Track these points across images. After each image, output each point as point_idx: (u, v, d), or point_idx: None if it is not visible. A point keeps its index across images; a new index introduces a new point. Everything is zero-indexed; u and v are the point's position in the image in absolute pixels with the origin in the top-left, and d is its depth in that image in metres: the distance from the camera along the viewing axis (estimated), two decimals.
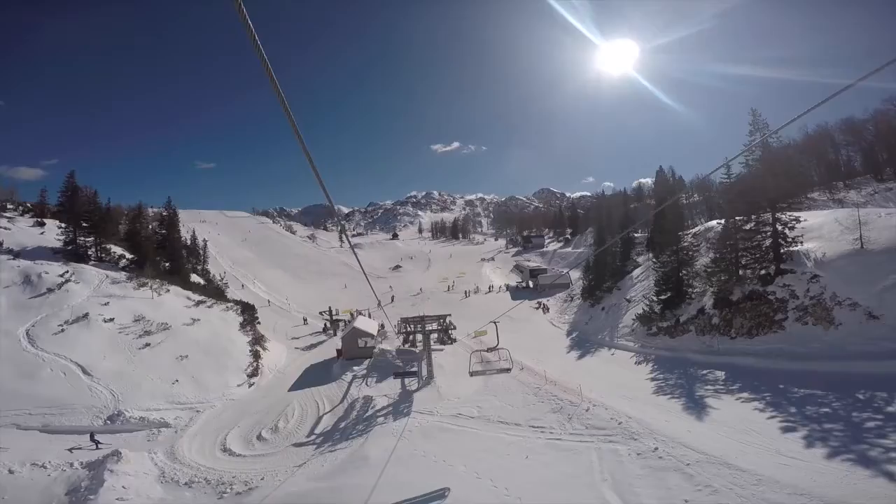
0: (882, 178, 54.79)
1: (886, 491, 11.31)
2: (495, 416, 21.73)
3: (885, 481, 11.61)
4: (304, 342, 45.74)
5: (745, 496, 11.45)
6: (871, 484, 11.64)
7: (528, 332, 44.23)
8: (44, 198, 63.70)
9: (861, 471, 12.24)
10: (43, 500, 18.18)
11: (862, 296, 21.07)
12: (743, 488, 11.72)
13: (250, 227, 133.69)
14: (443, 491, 14.73)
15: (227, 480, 19.80)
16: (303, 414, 27.08)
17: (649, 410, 18.98)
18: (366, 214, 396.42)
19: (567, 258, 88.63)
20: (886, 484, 11.55)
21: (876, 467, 12.31)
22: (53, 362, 28.91)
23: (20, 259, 41.77)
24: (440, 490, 14.58)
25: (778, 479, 11.81)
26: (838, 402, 16.74)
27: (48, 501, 18.12)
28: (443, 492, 14.70)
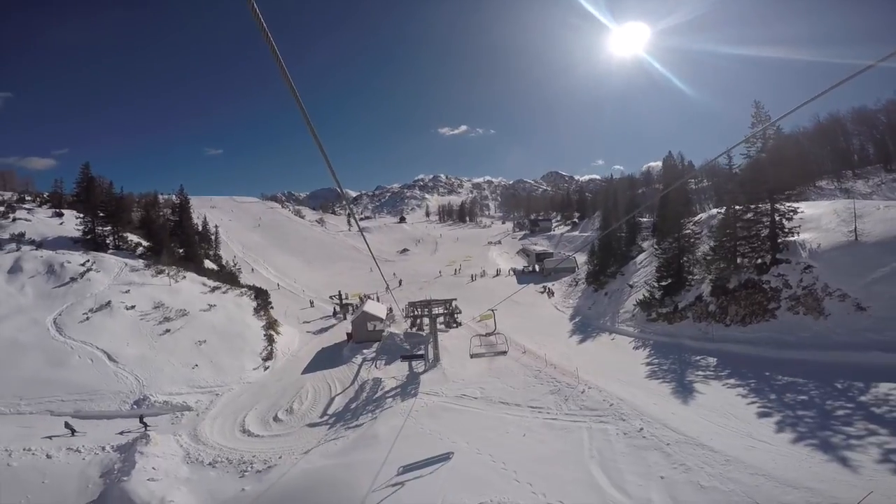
0: (891, 168, 54.56)
1: (835, 474, 12.41)
2: (497, 397, 23.06)
3: (838, 465, 12.75)
4: (315, 326, 47.10)
5: (713, 474, 12.77)
6: (824, 467, 12.78)
7: (532, 316, 45.34)
8: (60, 189, 65.42)
9: (819, 455, 13.39)
10: (80, 482, 19.53)
11: (851, 287, 21.83)
12: (712, 467, 13.04)
13: (260, 212, 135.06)
14: (447, 454, 16.65)
15: (247, 460, 21.27)
16: (316, 396, 28.53)
17: (640, 394, 20.19)
18: (373, 198, 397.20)
19: (574, 242, 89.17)
20: (838, 468, 12.68)
21: (833, 452, 13.44)
22: (81, 350, 30.52)
23: (42, 249, 43.43)
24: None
25: (744, 459, 13.08)
26: (816, 390, 17.75)
27: (84, 484, 19.46)
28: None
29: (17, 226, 48.11)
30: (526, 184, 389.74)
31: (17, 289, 37.16)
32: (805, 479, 12.04)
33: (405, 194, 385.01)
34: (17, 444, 21.54)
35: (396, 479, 15.20)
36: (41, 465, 20.44)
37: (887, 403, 15.60)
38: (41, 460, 20.74)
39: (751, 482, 12.25)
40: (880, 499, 10.82)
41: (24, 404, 25.93)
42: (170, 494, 18.34)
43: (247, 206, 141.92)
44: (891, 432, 13.91)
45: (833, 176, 58.30)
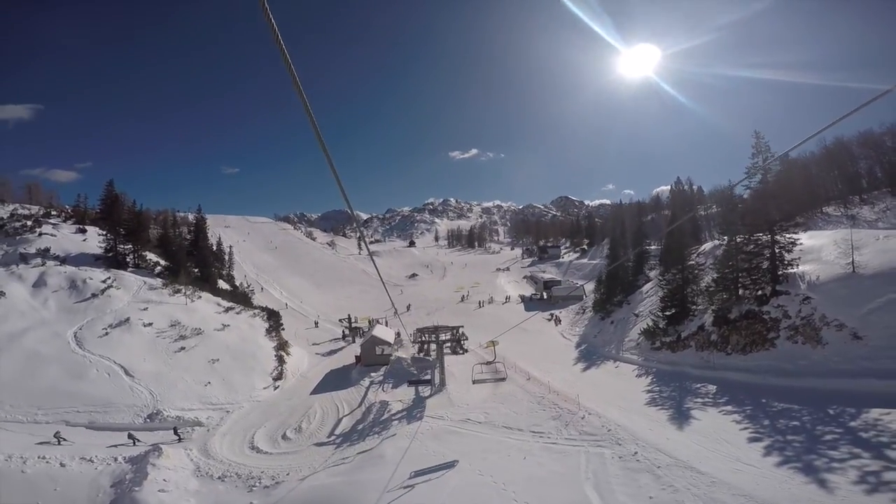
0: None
1: (811, 495, 13.04)
2: (501, 421, 23.65)
3: (816, 487, 13.37)
4: (325, 348, 47.92)
5: (699, 495, 13.41)
6: (802, 489, 13.39)
7: (539, 343, 45.83)
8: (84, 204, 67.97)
9: (800, 477, 14.00)
10: (90, 491, 20.28)
11: (849, 317, 22.36)
12: (698, 488, 13.70)
13: (273, 232, 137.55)
14: (453, 462, 18.14)
15: (255, 475, 21.95)
16: (324, 416, 29.19)
17: (638, 419, 20.73)
18: (384, 221, 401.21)
19: (583, 269, 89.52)
20: (815, 489, 13.30)
21: (814, 475, 14.03)
22: (99, 363, 31.67)
23: (66, 265, 45.18)
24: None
25: (729, 481, 13.73)
26: (809, 416, 18.25)
27: (95, 493, 20.20)
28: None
29: (43, 241, 50.05)
30: (535, 209, 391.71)
31: (40, 302, 38.69)
32: (782, 499, 12.66)
33: (415, 218, 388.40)
34: (32, 451, 22.51)
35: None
36: (54, 472, 21.27)
37: (875, 428, 16.12)
38: (55, 468, 21.59)
39: (732, 502, 12.87)
40: None
41: (42, 414, 27.02)
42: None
43: (260, 227, 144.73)
44: (873, 455, 14.47)
45: (840, 201, 58.15)
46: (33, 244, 48.95)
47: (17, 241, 50.03)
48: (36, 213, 59.72)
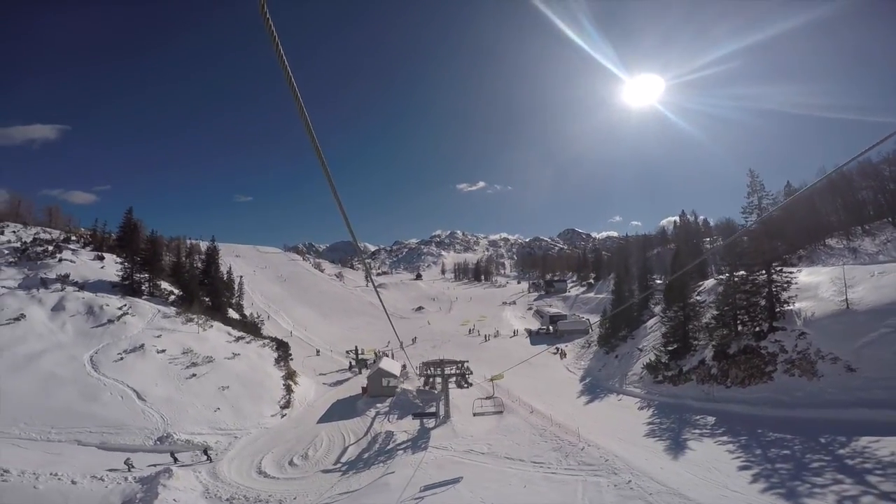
0: None
1: None
2: (503, 452, 24.15)
3: None
4: (331, 378, 48.51)
5: None
6: None
7: (544, 377, 46.11)
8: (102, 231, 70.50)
9: (781, 502, 14.59)
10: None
11: (843, 351, 23.10)
12: None
13: (282, 263, 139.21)
14: (458, 478, 19.84)
15: (263, 498, 22.52)
16: (330, 444, 29.67)
17: (635, 450, 21.25)
18: (391, 253, 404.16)
19: (589, 304, 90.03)
20: None
21: (794, 500, 14.83)
22: (113, 387, 32.52)
23: (84, 291, 46.58)
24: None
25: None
26: (800, 444, 18.87)
27: None
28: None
29: (63, 266, 51.68)
30: (542, 242, 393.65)
31: (58, 326, 39.88)
32: None
33: (422, 250, 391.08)
34: (45, 468, 23.02)
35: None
36: (65, 489, 21.86)
37: (861, 455, 16.70)
38: (66, 485, 22.18)
39: None
40: None
41: (55, 433, 27.67)
42: None
43: (270, 257, 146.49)
44: (855, 481, 15.15)
45: (843, 233, 58.19)
46: (54, 269, 50.58)
47: (38, 265, 51.79)
48: (56, 239, 61.79)
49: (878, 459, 16.21)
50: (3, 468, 22.09)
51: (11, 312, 39.46)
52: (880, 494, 14.36)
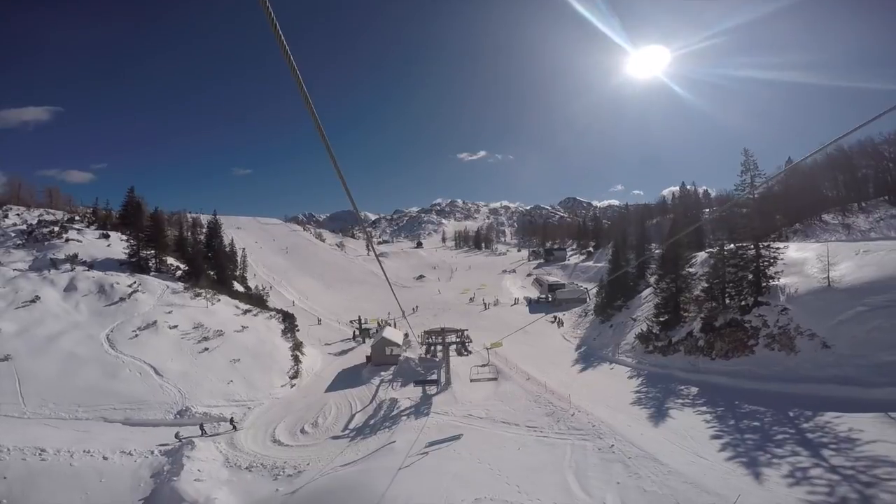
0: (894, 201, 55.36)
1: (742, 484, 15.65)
2: (500, 417, 26.07)
3: (750, 478, 16.04)
4: (336, 348, 50.29)
5: (656, 481, 16.08)
6: (739, 479, 16.01)
7: (541, 345, 47.79)
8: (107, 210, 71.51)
9: (742, 470, 16.67)
10: (132, 482, 22.56)
11: (820, 328, 24.43)
12: (657, 476, 16.46)
13: (283, 234, 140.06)
14: (458, 435, 22.54)
15: (279, 465, 24.31)
16: (338, 412, 31.53)
17: (621, 417, 23.05)
18: (391, 222, 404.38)
19: (588, 272, 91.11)
20: (749, 480, 15.97)
21: (753, 468, 16.65)
22: (131, 364, 34.20)
23: (94, 270, 47.92)
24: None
25: (682, 471, 16.44)
26: (770, 417, 20.53)
27: (137, 483, 22.49)
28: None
29: (71, 246, 52.87)
30: (543, 210, 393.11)
31: (72, 306, 41.40)
32: (719, 487, 15.26)
33: (422, 219, 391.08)
34: (77, 446, 24.66)
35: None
36: (98, 465, 23.52)
37: (822, 430, 18.34)
38: (98, 461, 23.84)
39: (681, 488, 15.53)
40: (747, 498, 14.50)
41: (82, 411, 29.42)
42: (214, 493, 21.38)
43: (271, 229, 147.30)
44: (810, 454, 16.91)
45: (839, 209, 59.19)
46: (62, 250, 51.75)
47: (45, 246, 52.95)
48: (61, 219, 62.76)
49: (836, 434, 17.89)
50: (41, 448, 23.71)
51: (26, 295, 40.93)
52: (829, 468, 16.07)
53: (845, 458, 16.49)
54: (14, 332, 35.50)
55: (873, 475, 15.10)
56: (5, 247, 52.47)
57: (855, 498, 14.35)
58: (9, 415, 27.93)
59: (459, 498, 16.37)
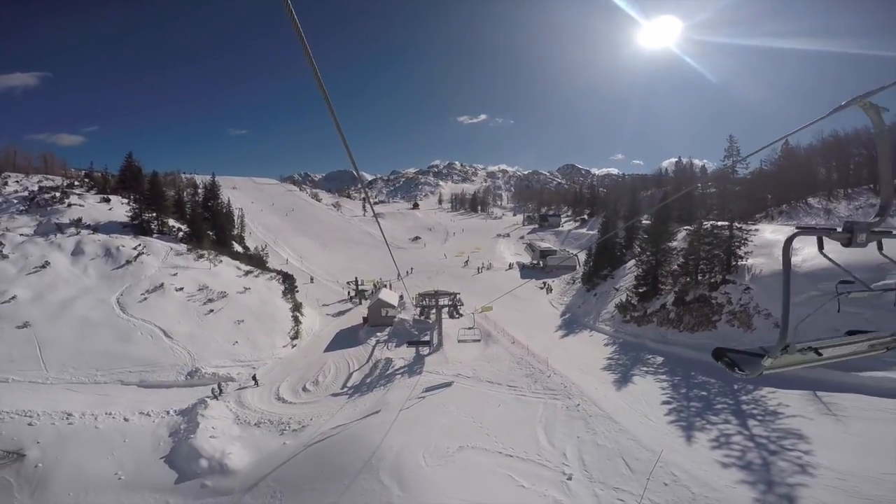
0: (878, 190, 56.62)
1: (675, 444, 18.61)
2: (485, 377, 28.88)
3: (683, 440, 19.03)
4: (334, 309, 52.62)
5: (608, 437, 19.02)
6: (674, 440, 18.97)
7: (528, 310, 50.32)
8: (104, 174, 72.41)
9: (679, 432, 19.59)
10: (153, 440, 24.61)
11: (776, 308, 26.69)
12: (610, 433, 19.31)
13: (279, 194, 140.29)
14: (450, 382, 27.13)
15: (285, 421, 26.84)
16: (337, 371, 34.12)
17: (590, 380, 25.86)
18: (388, 182, 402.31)
19: (580, 239, 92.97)
20: (682, 441, 18.99)
21: (688, 432, 19.59)
22: (142, 327, 36.23)
23: (98, 234, 49.39)
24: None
25: (630, 430, 19.34)
26: (717, 389, 23.33)
27: (157, 441, 24.53)
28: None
29: (73, 211, 54.22)
30: (541, 175, 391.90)
31: (81, 270, 43.13)
32: (654, 444, 18.01)
33: (419, 180, 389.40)
34: (100, 409, 26.53)
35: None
36: (121, 427, 25.45)
37: (755, 403, 21.22)
38: (120, 423, 25.78)
39: (626, 444, 18.39)
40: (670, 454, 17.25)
41: (100, 375, 31.29)
42: (228, 448, 23.64)
43: (267, 189, 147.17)
44: (738, 423, 19.87)
45: (826, 194, 60.80)
46: (65, 214, 53.07)
47: (48, 212, 54.22)
48: (61, 185, 63.65)
49: (765, 407, 20.59)
50: (68, 412, 25.51)
51: (36, 260, 42.44)
52: (748, 436, 18.78)
53: (764, 428, 19.10)
54: (29, 298, 37.13)
55: (780, 445, 17.73)
56: (9, 213, 53.69)
57: (758, 463, 16.98)
58: (34, 381, 29.55)
59: (445, 446, 19.09)
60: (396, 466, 17.72)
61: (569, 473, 17.00)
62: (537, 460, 18.11)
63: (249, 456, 23.23)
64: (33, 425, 24.26)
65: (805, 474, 15.66)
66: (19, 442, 22.92)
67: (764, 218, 58.73)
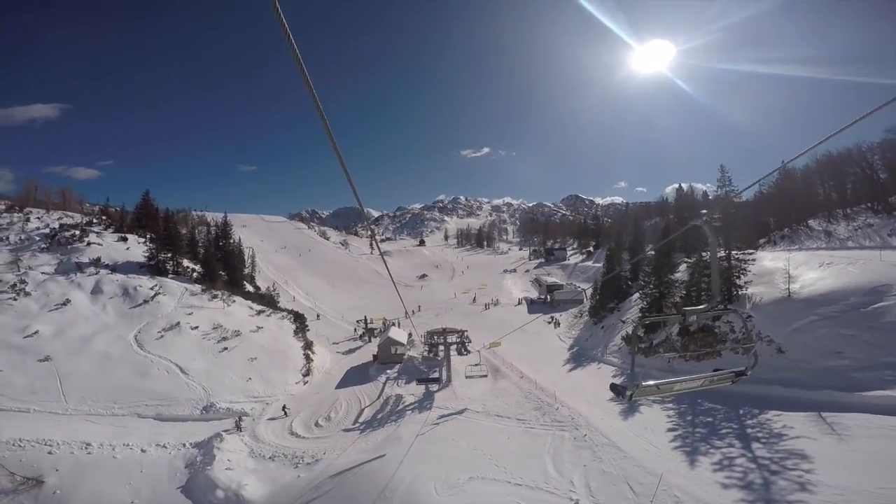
0: (878, 208, 57.12)
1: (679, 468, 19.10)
2: (494, 411, 29.41)
3: (686, 464, 19.51)
4: (344, 347, 53.35)
5: (614, 464, 19.53)
6: (677, 464, 19.41)
7: (536, 345, 50.76)
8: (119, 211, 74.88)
9: (683, 457, 20.07)
10: (169, 471, 25.40)
11: (777, 334, 27.46)
12: (616, 460, 19.87)
13: (288, 232, 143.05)
14: (463, 409, 28.72)
15: (298, 455, 27.38)
16: (348, 407, 34.66)
17: (597, 411, 26.23)
18: (394, 219, 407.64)
19: (587, 272, 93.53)
20: (684, 465, 19.43)
21: (692, 456, 20.06)
22: (158, 363, 37.30)
23: (116, 273, 51.04)
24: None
25: (635, 457, 19.90)
26: (722, 414, 23.72)
27: (173, 473, 25.30)
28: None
29: (93, 250, 56.08)
30: (545, 207, 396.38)
31: (100, 308, 44.52)
32: (659, 469, 18.48)
33: (425, 216, 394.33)
34: (118, 440, 27.47)
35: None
36: (138, 457, 26.34)
37: (760, 426, 21.51)
38: (137, 454, 26.66)
39: (631, 470, 18.98)
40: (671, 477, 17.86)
41: (118, 408, 32.24)
42: (243, 479, 24.44)
43: (276, 227, 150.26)
44: (742, 446, 20.32)
45: (825, 215, 61.27)
46: (84, 253, 54.91)
47: (68, 250, 56.14)
48: (80, 223, 66.00)
49: (770, 430, 21.07)
50: (86, 442, 26.57)
51: (57, 297, 43.90)
52: (752, 458, 19.26)
53: (768, 450, 19.57)
54: (51, 333, 38.45)
55: (782, 465, 18.20)
56: (31, 250, 55.61)
57: (759, 483, 17.46)
58: (54, 411, 30.59)
59: (456, 477, 19.67)
60: (409, 497, 18.32)
61: (576, 499, 17.54)
62: (545, 488, 18.63)
63: (264, 487, 23.87)
64: (53, 453, 25.20)
65: (804, 492, 16.14)
66: (38, 469, 23.76)
67: (767, 243, 59.47)
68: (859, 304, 25.35)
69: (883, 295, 24.84)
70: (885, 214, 51.74)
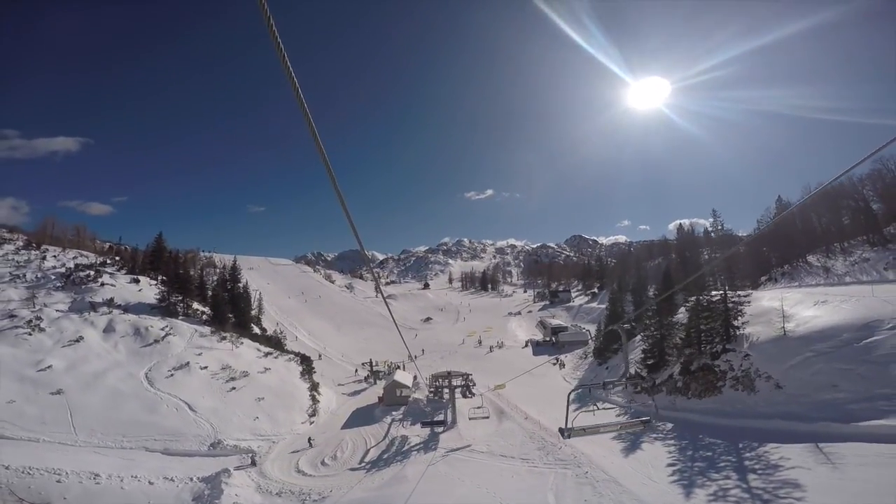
0: (874, 241, 55.59)
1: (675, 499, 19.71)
2: (499, 451, 29.66)
3: (682, 497, 19.91)
4: (349, 389, 53.79)
5: (613, 498, 20.10)
6: (674, 497, 19.92)
7: (542, 386, 50.78)
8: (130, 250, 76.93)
9: (679, 490, 20.52)
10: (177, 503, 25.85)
11: (775, 371, 28.10)
12: (615, 494, 20.38)
13: (294, 275, 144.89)
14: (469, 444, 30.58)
15: (305, 492, 27.67)
16: (354, 447, 34.87)
17: (599, 449, 26.46)
18: (399, 262, 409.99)
19: (591, 314, 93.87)
20: (681, 498, 19.90)
21: (689, 489, 20.51)
22: (168, 400, 37.95)
23: (128, 314, 52.26)
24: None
25: (634, 491, 20.38)
26: (722, 448, 24.08)
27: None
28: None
29: (106, 290, 57.39)
30: (549, 249, 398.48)
31: (112, 346, 45.51)
32: (656, 502, 19.16)
33: (429, 259, 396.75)
34: (126, 471, 27.90)
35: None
36: (146, 489, 26.71)
37: (758, 459, 21.88)
38: (145, 485, 27.01)
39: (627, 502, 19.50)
40: None
41: (127, 441, 32.81)
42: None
43: (282, 269, 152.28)
44: (738, 478, 20.65)
45: (823, 250, 61.07)
46: (98, 293, 56.26)
47: (83, 289, 57.51)
48: (94, 263, 67.76)
49: (767, 461, 21.40)
50: (95, 472, 26.98)
51: (70, 335, 45.07)
52: (746, 489, 19.65)
53: (763, 481, 19.88)
54: (63, 368, 39.33)
55: (774, 494, 18.57)
56: (46, 289, 57.03)
57: None
58: (63, 442, 31.19)
59: None
60: None
61: None
62: None
63: None
64: (61, 482, 25.59)
65: None
66: (47, 496, 24.20)
67: (768, 280, 60.01)
68: (852, 339, 26.08)
69: (875, 330, 25.63)
70: (881, 247, 52.18)
